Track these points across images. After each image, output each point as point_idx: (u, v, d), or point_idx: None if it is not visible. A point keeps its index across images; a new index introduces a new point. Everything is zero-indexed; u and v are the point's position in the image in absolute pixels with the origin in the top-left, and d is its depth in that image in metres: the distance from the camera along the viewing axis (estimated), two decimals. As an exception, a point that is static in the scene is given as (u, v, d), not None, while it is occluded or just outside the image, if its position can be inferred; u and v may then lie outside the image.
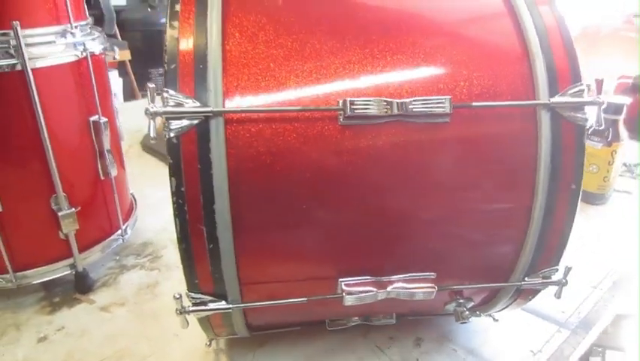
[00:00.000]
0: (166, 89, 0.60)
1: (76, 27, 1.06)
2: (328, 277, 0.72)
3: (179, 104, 0.60)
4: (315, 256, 0.70)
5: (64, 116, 1.06)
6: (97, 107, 1.13)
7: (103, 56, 1.15)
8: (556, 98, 0.67)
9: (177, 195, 0.61)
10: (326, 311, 0.83)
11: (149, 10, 2.89)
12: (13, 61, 0.95)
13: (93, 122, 1.12)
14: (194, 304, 0.70)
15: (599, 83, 0.67)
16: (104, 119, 1.13)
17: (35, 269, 1.10)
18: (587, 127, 0.68)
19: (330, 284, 0.72)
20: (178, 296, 0.70)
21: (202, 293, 0.69)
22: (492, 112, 0.67)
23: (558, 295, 0.79)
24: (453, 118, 0.65)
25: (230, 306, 0.69)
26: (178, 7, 0.65)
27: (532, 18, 0.70)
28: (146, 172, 1.83)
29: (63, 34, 1.04)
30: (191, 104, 0.60)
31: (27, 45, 0.94)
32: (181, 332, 1.03)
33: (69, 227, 1.09)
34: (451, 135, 0.66)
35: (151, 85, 0.60)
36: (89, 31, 1.12)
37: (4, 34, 0.95)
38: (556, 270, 0.77)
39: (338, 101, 0.63)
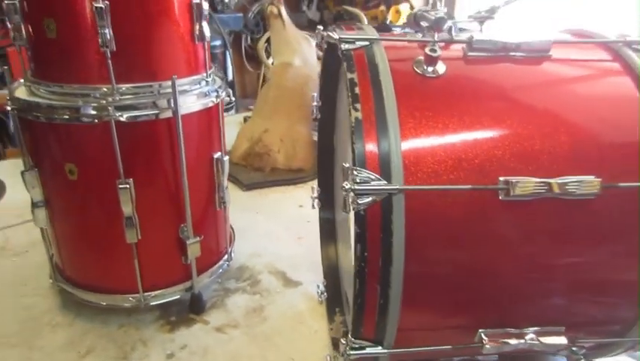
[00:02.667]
0: (356, 168, 0.70)
1: (209, 75, 1.17)
2: (470, 327, 0.81)
3: (367, 182, 0.70)
4: (463, 310, 0.79)
5: (197, 154, 1.17)
6: (220, 145, 1.24)
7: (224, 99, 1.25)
8: (690, 181, 0.75)
9: (361, 259, 0.71)
10: (456, 353, 0.92)
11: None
12: (164, 110, 1.05)
13: (216, 158, 1.23)
14: (354, 349, 0.79)
15: None
16: (225, 157, 1.24)
17: (160, 291, 1.22)
18: None
19: (471, 333, 0.81)
20: (344, 342, 0.79)
21: (362, 339, 0.79)
22: (631, 191, 0.75)
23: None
24: (600, 196, 0.73)
25: (386, 351, 0.79)
26: (357, 91, 0.75)
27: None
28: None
29: (201, 82, 1.15)
30: (378, 183, 0.70)
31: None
32: (297, 357, 1.13)
33: (194, 254, 1.20)
34: (597, 211, 0.74)
35: (346, 165, 0.70)
36: (215, 78, 1.22)
37: (151, 86, 1.06)
38: (670, 327, 0.85)
39: (499, 180, 0.72)
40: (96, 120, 1.01)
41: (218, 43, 3.24)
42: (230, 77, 3.40)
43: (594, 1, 2.43)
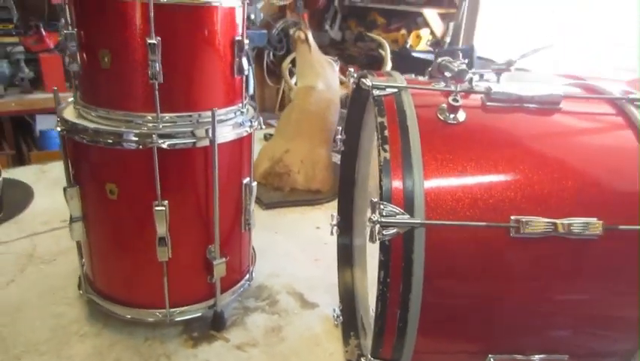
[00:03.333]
0: (383, 202, 0.78)
1: (245, 106, 1.27)
2: (481, 352, 0.88)
3: (392, 215, 0.78)
4: (475, 336, 0.86)
5: (228, 179, 1.25)
6: (250, 171, 1.33)
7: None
8: (686, 228, 0.82)
9: (384, 284, 0.78)
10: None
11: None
12: (202, 139, 1.14)
13: (245, 184, 1.31)
14: (373, 367, 0.86)
15: None
16: (253, 182, 1.33)
17: (185, 307, 1.29)
18: None
19: (481, 358, 0.88)
20: (365, 361, 0.87)
21: (380, 359, 0.86)
22: (631, 232, 0.83)
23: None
24: (601, 236, 0.81)
25: (402, 371, 0.86)
26: (387, 133, 0.84)
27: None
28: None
29: (236, 112, 1.24)
30: (402, 217, 0.78)
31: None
32: (313, 376, 1.20)
33: (219, 274, 1.27)
34: (599, 250, 0.82)
35: (374, 199, 0.78)
36: (249, 108, 1.32)
37: (190, 116, 1.15)
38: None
39: (510, 218, 0.80)
40: (140, 146, 1.10)
41: (242, 58, 3.36)
42: (251, 91, 3.51)
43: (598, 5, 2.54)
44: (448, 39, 3.22)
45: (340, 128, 1.30)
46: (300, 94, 2.39)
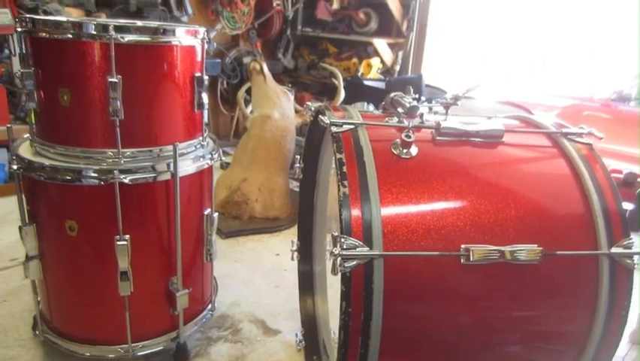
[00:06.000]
0: (344, 236, 0.83)
1: (205, 139, 1.30)
2: (436, 375, 0.93)
3: (352, 248, 0.83)
4: (434, 356, 0.92)
5: (189, 211, 1.27)
6: (211, 202, 1.35)
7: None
8: (614, 249, 0.91)
9: (345, 313, 0.83)
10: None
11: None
12: (163, 173, 1.16)
13: (206, 215, 1.33)
14: (337, 393, 0.90)
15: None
16: (214, 213, 1.35)
17: (148, 341, 1.28)
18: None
19: (437, 380, 0.94)
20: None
21: (344, 384, 0.89)
22: (568, 257, 0.91)
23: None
24: (542, 261, 0.89)
25: (365, 396, 0.90)
26: (345, 169, 0.89)
27: (594, 185, 0.95)
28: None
29: (197, 146, 1.27)
30: (362, 249, 0.83)
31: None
32: (279, 404, 1.21)
33: (182, 305, 1.28)
34: (540, 273, 0.90)
35: (335, 233, 0.83)
36: (209, 140, 1.35)
37: (151, 151, 1.17)
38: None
39: (461, 247, 0.87)
40: (102, 182, 1.10)
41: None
42: (205, 119, 3.51)
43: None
44: (397, 67, 3.36)
45: (298, 156, 1.35)
46: (257, 123, 2.43)
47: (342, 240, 0.83)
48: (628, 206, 1.75)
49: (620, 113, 2.55)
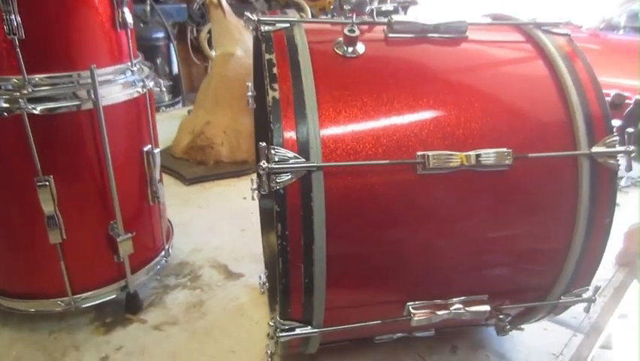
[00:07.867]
0: (274, 147, 0.69)
1: (135, 65, 1.13)
2: (398, 301, 0.82)
3: (285, 160, 0.69)
4: (390, 285, 0.80)
5: (124, 147, 1.12)
6: (150, 138, 1.20)
7: (153, 90, 1.21)
8: (595, 148, 0.79)
9: (282, 238, 0.70)
10: (387, 327, 0.93)
11: (141, 25, 2.96)
12: (84, 102, 1.01)
13: (146, 152, 1.19)
14: (283, 331, 0.79)
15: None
16: (155, 149, 1.20)
17: (92, 292, 1.17)
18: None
19: (399, 307, 0.83)
20: (272, 324, 0.79)
21: (291, 320, 0.78)
22: (543, 160, 0.79)
23: (587, 310, 0.92)
24: (512, 166, 0.76)
25: (316, 330, 0.79)
26: (275, 71, 0.74)
27: (572, 81, 0.82)
28: (167, 192, 1.89)
29: (125, 72, 1.11)
30: (296, 161, 0.69)
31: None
32: (237, 349, 1.12)
33: (126, 251, 1.15)
34: (511, 181, 0.77)
35: (262, 144, 0.69)
36: (142, 67, 1.18)
37: (69, 76, 1.01)
38: (587, 289, 0.89)
39: (416, 154, 0.74)
40: (6, 114, 0.95)
41: (161, 35, 3.12)
42: (175, 70, 3.30)
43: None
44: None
45: (249, 84, 1.19)
46: (218, 62, 2.25)
47: (273, 152, 0.70)
48: (616, 123, 1.63)
49: (609, 42, 2.43)
